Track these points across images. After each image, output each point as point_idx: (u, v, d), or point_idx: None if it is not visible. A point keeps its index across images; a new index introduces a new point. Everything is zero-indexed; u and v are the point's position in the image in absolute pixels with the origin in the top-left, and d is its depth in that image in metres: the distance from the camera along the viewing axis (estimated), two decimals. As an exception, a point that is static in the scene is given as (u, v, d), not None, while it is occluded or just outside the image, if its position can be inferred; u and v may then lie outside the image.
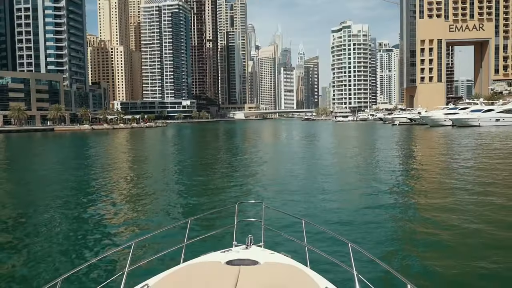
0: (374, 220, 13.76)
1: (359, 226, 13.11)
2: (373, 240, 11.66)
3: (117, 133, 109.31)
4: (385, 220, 13.86)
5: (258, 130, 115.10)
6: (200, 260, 4.24)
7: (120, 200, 18.65)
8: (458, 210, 14.61)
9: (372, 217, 14.23)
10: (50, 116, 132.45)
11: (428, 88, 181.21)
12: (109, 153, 48.26)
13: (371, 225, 13.21)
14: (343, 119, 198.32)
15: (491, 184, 20.06)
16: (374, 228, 12.82)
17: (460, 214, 13.98)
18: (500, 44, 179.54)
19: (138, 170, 29.99)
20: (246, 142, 64.81)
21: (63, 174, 27.98)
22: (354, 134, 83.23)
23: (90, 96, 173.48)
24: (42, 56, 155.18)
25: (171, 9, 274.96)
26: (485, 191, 18.14)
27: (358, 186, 20.58)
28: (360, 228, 12.92)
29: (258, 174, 25.92)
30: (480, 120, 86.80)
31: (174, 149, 53.71)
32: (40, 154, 48.93)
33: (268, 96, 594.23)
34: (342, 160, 34.37)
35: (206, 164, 33.08)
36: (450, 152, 38.25)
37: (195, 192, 20.34)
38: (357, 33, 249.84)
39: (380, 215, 14.44)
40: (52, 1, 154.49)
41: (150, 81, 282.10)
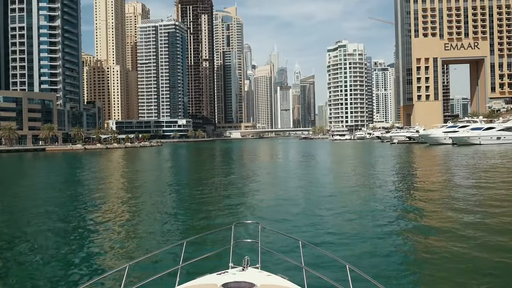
0: (373, 241, 13.67)
1: (357, 247, 13.03)
2: (372, 261, 11.61)
3: (110, 153, 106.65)
4: (384, 241, 13.66)
5: (255, 149, 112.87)
6: (195, 283, 4.25)
7: (113, 222, 18.14)
8: (460, 233, 14.22)
9: (371, 238, 14.12)
10: (42, 135, 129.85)
11: (425, 106, 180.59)
12: (100, 174, 45.88)
13: (369, 246, 13.13)
14: (340, 138, 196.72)
15: (499, 207, 18.98)
16: (373, 249, 12.71)
17: (461, 237, 13.71)
18: (495, 62, 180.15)
19: (131, 191, 29.19)
20: (243, 162, 62.62)
21: (51, 196, 27.12)
22: (352, 153, 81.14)
23: (84, 115, 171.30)
24: (35, 75, 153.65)
25: (167, 29, 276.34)
26: (492, 214, 17.27)
27: (357, 207, 20.16)
28: (358, 249, 12.83)
29: (255, 194, 25.42)
30: (481, 139, 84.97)
31: (168, 169, 51.82)
32: (27, 176, 46.90)
33: (265, 115, 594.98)
34: (341, 180, 33.12)
35: (201, 185, 32.04)
36: (454, 173, 36.03)
37: (190, 213, 20.14)
38: (353, 52, 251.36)
39: (379, 236, 14.26)
40: (48, 21, 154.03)
41: (146, 100, 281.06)
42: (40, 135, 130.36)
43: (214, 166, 55.08)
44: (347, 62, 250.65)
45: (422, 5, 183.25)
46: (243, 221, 15.74)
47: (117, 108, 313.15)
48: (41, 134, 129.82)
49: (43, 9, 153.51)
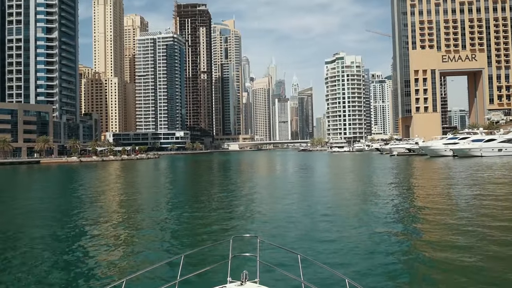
0: (372, 256, 13.60)
1: (357, 261, 12.97)
2: (371, 276, 11.55)
3: (105, 165, 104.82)
4: (384, 256, 13.55)
5: (253, 161, 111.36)
6: None
7: (109, 236, 17.90)
8: (463, 248, 13.95)
9: (370, 252, 14.03)
10: (37, 148, 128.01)
11: (423, 118, 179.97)
12: (93, 188, 44.27)
13: (369, 260, 13.08)
14: (339, 150, 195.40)
15: (505, 221, 18.52)
16: (372, 264, 12.66)
17: (463, 252, 13.51)
18: (493, 74, 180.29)
19: (126, 205, 28.68)
20: (241, 174, 61.15)
21: (46, 210, 26.55)
22: (352, 165, 79.71)
23: (80, 127, 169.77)
24: (32, 87, 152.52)
25: (166, 41, 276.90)
26: (498, 228, 16.86)
27: (358, 221, 19.88)
28: (358, 263, 12.78)
29: (253, 208, 25.18)
30: (482, 150, 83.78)
31: (164, 182, 50.69)
32: (17, 189, 45.02)
33: (263, 127, 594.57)
34: (341, 194, 32.37)
35: (198, 198, 31.80)
36: (460, 186, 34.53)
37: (188, 226, 19.98)
38: (351, 64, 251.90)
39: (379, 251, 14.15)
40: (45, 33, 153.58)
41: (143, 113, 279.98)
42: (35, 147, 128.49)
43: (212, 179, 53.85)
44: (345, 74, 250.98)
45: (419, 17, 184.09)
46: (241, 234, 15.68)
47: (114, 120, 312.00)
48: (36, 146, 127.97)
49: (40, 21, 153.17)
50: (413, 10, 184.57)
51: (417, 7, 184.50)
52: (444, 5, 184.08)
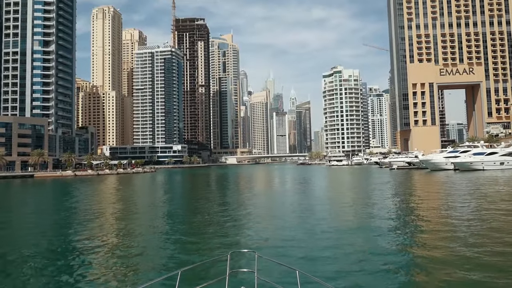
0: (372, 272, 13.54)
1: (356, 277, 12.88)
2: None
3: (100, 179, 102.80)
4: (384, 274, 13.48)
5: (251, 175, 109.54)
6: None
7: (104, 252, 17.69)
8: (469, 271, 13.42)
9: (369, 267, 13.99)
10: (31, 161, 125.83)
11: (422, 131, 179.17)
12: (86, 203, 42.60)
13: (368, 276, 13.04)
14: (338, 163, 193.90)
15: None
16: (372, 281, 12.61)
17: (467, 272, 13.19)
18: (491, 87, 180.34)
19: (122, 221, 27.96)
20: (239, 189, 59.44)
21: (37, 226, 25.91)
22: (352, 180, 78.10)
23: (76, 140, 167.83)
24: (28, 99, 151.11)
25: (164, 55, 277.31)
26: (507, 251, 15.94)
27: (358, 237, 19.60)
28: (357, 279, 12.73)
29: (252, 223, 24.93)
30: (484, 164, 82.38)
31: (160, 197, 49.20)
32: (6, 203, 43.22)
33: (261, 141, 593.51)
34: (342, 209, 31.71)
35: (195, 212, 31.29)
36: (468, 203, 32.84)
37: (185, 241, 19.80)
38: (348, 78, 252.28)
39: (380, 267, 14.04)
40: (42, 46, 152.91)
41: (141, 126, 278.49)
42: (29, 161, 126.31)
43: (209, 193, 52.30)
44: (342, 87, 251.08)
45: (417, 31, 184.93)
46: (239, 249, 15.56)
47: (112, 133, 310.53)
48: (31, 160, 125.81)
49: (37, 34, 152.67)
50: (410, 24, 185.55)
51: (414, 21, 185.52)
52: (441, 19, 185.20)
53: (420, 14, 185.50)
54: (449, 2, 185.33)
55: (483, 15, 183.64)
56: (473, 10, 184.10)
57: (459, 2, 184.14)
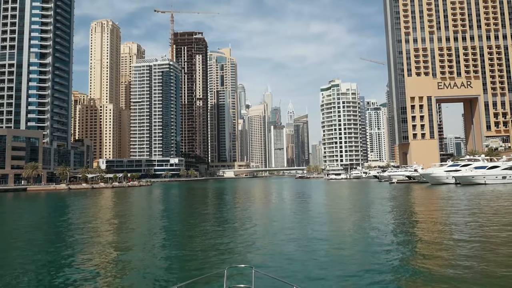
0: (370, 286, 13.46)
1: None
2: None
3: (95, 193, 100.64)
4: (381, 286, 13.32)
5: (248, 190, 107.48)
6: None
7: (99, 267, 17.48)
8: None
9: (368, 283, 14.01)
10: (25, 174, 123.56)
11: (421, 145, 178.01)
12: (80, 217, 40.84)
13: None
14: (336, 177, 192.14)
15: None
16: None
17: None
18: (489, 101, 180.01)
19: (115, 235, 27.59)
20: (236, 204, 57.58)
21: (23, 241, 25.45)
22: (352, 194, 76.30)
23: (71, 153, 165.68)
24: (23, 112, 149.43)
25: (161, 68, 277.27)
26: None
27: (357, 253, 19.34)
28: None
29: (249, 238, 24.70)
30: (486, 178, 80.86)
31: (156, 211, 47.87)
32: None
33: (258, 154, 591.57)
34: (342, 225, 30.82)
35: (192, 227, 30.79)
36: (475, 221, 31.12)
37: (181, 256, 19.63)
38: (346, 91, 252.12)
39: (377, 284, 14.00)
40: (38, 58, 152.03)
41: (138, 139, 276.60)
42: (23, 174, 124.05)
43: (206, 208, 50.70)
44: (340, 101, 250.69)
45: (414, 45, 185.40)
46: (236, 265, 15.43)
47: (108, 146, 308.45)
48: (24, 173, 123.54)
49: (34, 46, 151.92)
50: (408, 38, 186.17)
51: (411, 35, 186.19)
52: (438, 33, 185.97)
53: (417, 28, 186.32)
54: (445, 16, 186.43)
55: (480, 29, 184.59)
56: (469, 24, 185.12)
57: (456, 17, 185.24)
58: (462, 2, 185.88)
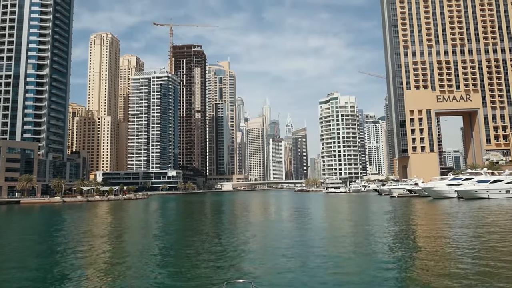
0: None
1: None
2: None
3: (89, 206, 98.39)
4: None
5: (247, 203, 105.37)
6: None
7: (93, 285, 17.02)
8: None
9: None
10: (19, 187, 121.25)
11: (421, 158, 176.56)
12: (70, 232, 38.79)
13: None
14: (335, 191, 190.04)
15: None
16: None
17: None
18: (488, 114, 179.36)
19: (109, 251, 26.82)
20: (234, 217, 55.67)
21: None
22: (352, 209, 74.41)
23: (67, 165, 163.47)
24: (19, 123, 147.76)
25: (160, 81, 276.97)
26: None
27: (359, 269, 19.01)
28: None
29: (247, 252, 24.41)
30: (489, 192, 79.16)
31: (152, 225, 46.27)
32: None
33: (257, 167, 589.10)
34: (343, 241, 29.27)
35: (189, 242, 30.16)
36: (487, 240, 29.35)
37: (179, 272, 19.38)
38: (345, 104, 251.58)
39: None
40: (36, 69, 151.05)
41: (135, 151, 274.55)
42: (17, 186, 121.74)
43: (203, 223, 48.57)
44: (339, 114, 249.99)
45: (413, 58, 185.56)
46: (235, 280, 15.33)
47: (106, 159, 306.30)
48: (18, 186, 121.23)
49: (31, 57, 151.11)
50: (406, 51, 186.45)
51: (410, 48, 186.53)
52: (436, 47, 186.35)
53: (416, 41, 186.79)
54: (444, 30, 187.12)
55: (478, 43, 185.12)
56: (468, 38, 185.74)
57: (454, 30, 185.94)
58: (460, 16, 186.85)
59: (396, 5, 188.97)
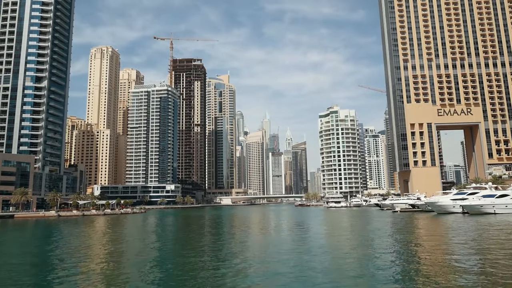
0: None
1: None
2: None
3: (85, 220, 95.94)
4: None
5: (246, 218, 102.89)
6: None
7: None
8: None
9: None
10: (13, 201, 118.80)
11: (422, 172, 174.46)
12: (60, 251, 36.49)
13: None
14: (336, 205, 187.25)
15: None
16: None
17: None
18: (490, 128, 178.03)
19: (105, 273, 25.03)
20: (233, 234, 53.47)
21: None
22: (355, 224, 72.07)
23: (64, 179, 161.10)
24: (15, 136, 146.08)
25: (160, 94, 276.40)
26: None
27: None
28: None
29: (246, 270, 23.87)
30: (496, 207, 76.94)
31: (148, 241, 43.34)
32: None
33: (256, 181, 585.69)
34: (347, 260, 27.90)
35: (186, 260, 29.07)
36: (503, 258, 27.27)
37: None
38: (345, 118, 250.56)
39: None
40: (34, 81, 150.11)
41: (134, 165, 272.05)
42: (11, 200, 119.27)
43: (201, 239, 46.23)
44: (339, 127, 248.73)
45: (413, 72, 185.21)
46: None
47: (104, 172, 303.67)
48: (12, 199, 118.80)
49: (30, 70, 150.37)
50: (406, 65, 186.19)
51: (410, 62, 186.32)
52: (436, 60, 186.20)
53: (416, 55, 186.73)
54: (443, 44, 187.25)
55: (478, 57, 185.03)
56: (467, 52, 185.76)
57: (454, 44, 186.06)
58: (459, 30, 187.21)
59: (395, 19, 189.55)
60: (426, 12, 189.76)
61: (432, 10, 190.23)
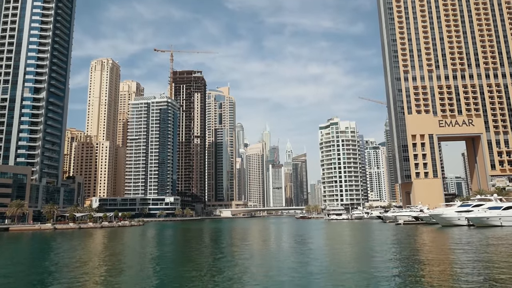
0: None
1: None
2: None
3: (81, 233, 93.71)
4: None
5: (246, 231, 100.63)
6: None
7: None
8: None
9: None
10: (9, 213, 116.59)
11: (424, 184, 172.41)
12: (53, 265, 34.52)
13: None
14: (337, 218, 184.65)
15: None
16: None
17: None
18: (492, 139, 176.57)
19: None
20: (233, 249, 51.48)
21: None
22: (358, 238, 69.97)
23: (61, 191, 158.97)
24: (12, 147, 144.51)
25: (159, 106, 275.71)
26: None
27: None
28: None
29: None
30: (502, 219, 74.89)
31: (146, 258, 40.95)
32: None
33: (257, 193, 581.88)
34: (357, 275, 26.58)
35: (185, 277, 27.87)
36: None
37: None
38: (345, 130, 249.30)
39: None
40: (32, 93, 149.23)
41: (133, 177, 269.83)
42: (7, 212, 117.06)
43: (200, 255, 44.14)
44: (339, 139, 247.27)
45: (413, 83, 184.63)
46: None
47: (103, 184, 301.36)
48: (8, 212, 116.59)
49: (28, 81, 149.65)
50: (407, 76, 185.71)
51: (410, 73, 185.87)
52: (437, 72, 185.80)
53: (416, 66, 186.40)
54: (444, 55, 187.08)
55: (479, 67, 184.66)
56: (468, 63, 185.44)
57: (454, 55, 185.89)
58: (459, 41, 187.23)
59: (395, 31, 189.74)
60: (426, 24, 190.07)
61: (432, 21, 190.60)
